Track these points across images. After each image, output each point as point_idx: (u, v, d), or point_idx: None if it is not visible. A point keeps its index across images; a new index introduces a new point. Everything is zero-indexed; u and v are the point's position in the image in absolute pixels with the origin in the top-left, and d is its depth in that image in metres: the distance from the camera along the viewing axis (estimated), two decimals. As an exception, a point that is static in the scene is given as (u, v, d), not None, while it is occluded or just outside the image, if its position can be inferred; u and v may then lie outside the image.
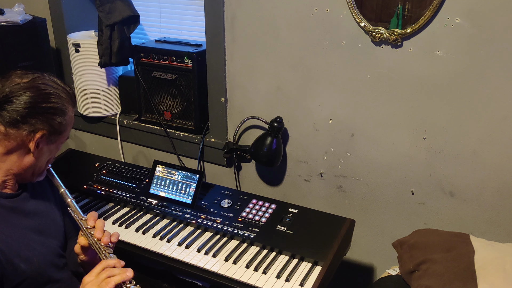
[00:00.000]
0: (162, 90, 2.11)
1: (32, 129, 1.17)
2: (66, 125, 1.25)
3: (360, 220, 1.88)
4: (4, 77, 1.18)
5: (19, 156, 1.21)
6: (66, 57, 2.35)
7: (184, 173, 1.80)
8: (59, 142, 1.28)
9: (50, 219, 1.37)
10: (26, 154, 1.21)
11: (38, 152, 1.22)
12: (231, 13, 1.86)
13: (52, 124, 1.20)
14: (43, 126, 1.19)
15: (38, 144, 1.20)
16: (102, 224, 1.29)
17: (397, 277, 1.55)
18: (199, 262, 1.50)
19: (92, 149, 2.49)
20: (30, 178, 1.29)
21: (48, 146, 1.25)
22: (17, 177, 1.25)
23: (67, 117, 1.24)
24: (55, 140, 1.25)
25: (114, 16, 2.02)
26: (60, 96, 1.22)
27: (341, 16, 1.66)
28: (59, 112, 1.21)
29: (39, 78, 1.21)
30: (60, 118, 1.22)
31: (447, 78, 1.58)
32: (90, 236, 1.26)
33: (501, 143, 1.57)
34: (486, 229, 1.69)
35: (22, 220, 1.27)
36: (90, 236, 1.26)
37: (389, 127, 1.73)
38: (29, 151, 1.21)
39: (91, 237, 1.26)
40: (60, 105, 1.22)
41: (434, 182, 1.72)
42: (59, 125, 1.22)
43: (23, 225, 1.27)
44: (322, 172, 1.93)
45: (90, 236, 1.26)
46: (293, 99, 1.87)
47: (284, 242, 1.57)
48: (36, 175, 1.30)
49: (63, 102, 1.23)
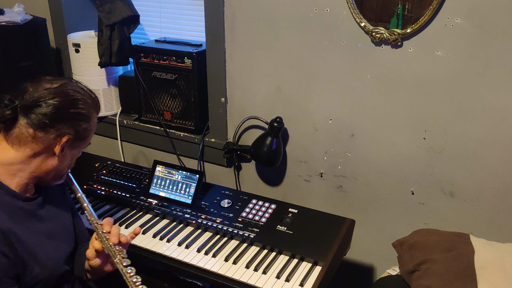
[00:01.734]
0: (162, 90, 2.11)
1: (59, 133, 1.20)
2: (90, 131, 1.28)
3: (360, 220, 1.88)
4: (34, 81, 1.21)
5: (44, 159, 1.23)
6: (66, 57, 2.35)
7: (184, 173, 1.80)
8: (81, 147, 1.31)
9: (61, 224, 1.39)
10: (50, 158, 1.23)
11: (62, 156, 1.25)
12: (231, 13, 1.86)
13: (77, 130, 1.23)
14: (69, 131, 1.21)
15: (63, 149, 1.23)
16: (117, 230, 1.31)
17: (397, 277, 1.55)
18: (199, 262, 1.50)
19: (92, 149, 2.49)
20: (50, 182, 1.31)
21: (71, 151, 1.28)
22: (38, 180, 1.27)
23: (91, 123, 1.28)
24: (78, 145, 1.28)
25: (114, 16, 2.02)
26: (86, 103, 1.25)
27: (341, 16, 1.66)
28: (85, 118, 1.25)
29: (67, 84, 1.24)
30: (85, 124, 1.25)
31: (447, 78, 1.58)
32: (106, 241, 1.28)
33: (501, 143, 1.57)
34: (486, 229, 1.69)
35: (37, 224, 1.28)
36: (105, 240, 1.28)
37: (389, 127, 1.73)
38: (54, 155, 1.23)
39: (106, 241, 1.28)
40: (86, 111, 1.25)
41: (434, 182, 1.72)
42: (84, 130, 1.25)
43: (38, 229, 1.28)
44: (322, 172, 1.93)
45: (106, 241, 1.28)
46: (293, 99, 1.87)
47: (284, 242, 1.57)
48: (57, 179, 1.32)
49: (89, 109, 1.26)
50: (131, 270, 1.23)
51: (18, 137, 1.19)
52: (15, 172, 1.21)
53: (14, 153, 1.20)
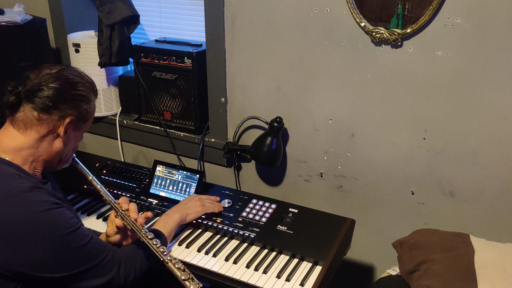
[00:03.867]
0: (162, 90, 2.11)
1: (62, 114, 1.26)
2: (91, 112, 1.35)
3: (360, 220, 1.88)
4: (35, 69, 1.27)
5: (50, 142, 1.28)
6: (66, 57, 2.35)
7: (185, 173, 1.80)
8: (83, 129, 1.37)
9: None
10: (55, 140, 1.29)
11: (66, 138, 1.30)
12: (231, 13, 1.86)
13: (80, 110, 1.29)
14: (71, 112, 1.27)
15: (66, 130, 1.28)
16: (135, 207, 1.40)
17: (397, 277, 1.55)
18: (199, 262, 1.50)
19: (92, 149, 2.49)
20: (57, 166, 1.37)
21: (74, 133, 1.33)
22: (46, 164, 1.32)
23: (91, 104, 1.34)
24: (81, 127, 1.34)
25: (114, 16, 2.02)
26: (85, 85, 1.32)
27: (341, 16, 1.66)
28: (86, 99, 1.31)
29: (66, 69, 1.31)
30: (86, 105, 1.31)
31: (447, 78, 1.58)
32: (128, 217, 1.36)
33: (501, 143, 1.57)
34: (486, 229, 1.69)
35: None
36: (127, 217, 1.36)
37: (389, 127, 1.73)
38: (58, 136, 1.29)
39: (128, 218, 1.36)
40: (86, 93, 1.31)
41: (434, 182, 1.73)
42: (86, 111, 1.31)
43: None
44: (322, 172, 1.93)
45: (128, 217, 1.36)
46: (293, 99, 1.87)
47: (285, 242, 1.57)
48: (63, 162, 1.38)
49: (88, 91, 1.32)
50: (156, 242, 1.32)
51: (24, 120, 1.24)
52: (26, 157, 1.25)
53: (22, 137, 1.25)
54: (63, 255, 1.18)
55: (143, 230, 1.34)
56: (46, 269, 1.16)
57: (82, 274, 1.21)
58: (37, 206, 1.16)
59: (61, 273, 1.18)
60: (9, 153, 1.24)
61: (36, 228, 1.14)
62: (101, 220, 1.73)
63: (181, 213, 1.60)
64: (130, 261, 1.33)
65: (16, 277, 1.15)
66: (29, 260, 1.14)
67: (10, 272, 1.14)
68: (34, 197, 1.17)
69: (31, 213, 1.14)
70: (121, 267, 1.29)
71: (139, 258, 1.36)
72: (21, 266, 1.14)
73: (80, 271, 1.20)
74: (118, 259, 1.30)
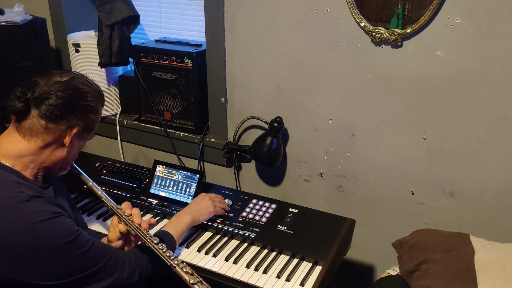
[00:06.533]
0: (162, 90, 2.11)
1: (69, 124, 1.24)
2: (96, 123, 1.34)
3: (360, 220, 1.89)
4: (45, 75, 1.25)
5: (53, 150, 1.27)
6: (66, 57, 2.35)
7: (185, 173, 1.81)
8: (87, 138, 1.35)
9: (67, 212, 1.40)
10: (59, 148, 1.27)
11: (70, 147, 1.29)
12: (231, 13, 1.86)
13: (87, 121, 1.28)
14: (79, 122, 1.26)
15: (72, 140, 1.27)
16: (138, 211, 1.38)
17: (397, 277, 1.55)
18: (199, 262, 1.50)
19: (92, 149, 2.49)
20: (56, 172, 1.35)
21: (79, 142, 1.32)
22: (46, 170, 1.31)
23: (98, 115, 1.32)
24: (86, 136, 1.33)
25: (114, 16, 2.02)
26: (94, 96, 1.30)
27: (341, 16, 1.66)
28: (94, 110, 1.29)
29: (76, 77, 1.29)
30: (93, 116, 1.30)
31: (447, 78, 1.58)
32: (132, 223, 1.34)
33: (501, 143, 1.57)
34: (486, 229, 1.70)
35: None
36: (131, 222, 1.34)
37: (389, 127, 1.73)
38: (62, 145, 1.27)
39: (132, 223, 1.33)
40: (94, 104, 1.29)
41: (434, 182, 1.73)
42: (92, 122, 1.30)
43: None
44: (322, 172, 1.93)
45: (132, 223, 1.34)
46: (293, 99, 1.87)
47: (285, 242, 1.57)
48: (63, 170, 1.36)
49: (96, 101, 1.30)
50: (162, 246, 1.30)
51: (30, 128, 1.22)
52: (27, 163, 1.24)
53: (26, 144, 1.23)
54: (62, 264, 1.16)
55: (148, 235, 1.32)
56: (45, 277, 1.15)
57: (84, 279, 1.20)
58: (35, 216, 1.13)
59: (61, 280, 1.17)
60: (10, 158, 1.22)
61: (34, 239, 1.12)
62: (101, 220, 1.73)
63: (193, 215, 1.58)
64: (135, 261, 1.32)
65: (14, 285, 1.14)
66: (27, 270, 1.12)
67: (7, 281, 1.12)
68: (32, 207, 1.15)
69: (28, 224, 1.12)
70: (125, 267, 1.29)
71: (144, 259, 1.35)
72: (19, 275, 1.12)
73: (82, 276, 1.19)
74: (121, 260, 1.29)
